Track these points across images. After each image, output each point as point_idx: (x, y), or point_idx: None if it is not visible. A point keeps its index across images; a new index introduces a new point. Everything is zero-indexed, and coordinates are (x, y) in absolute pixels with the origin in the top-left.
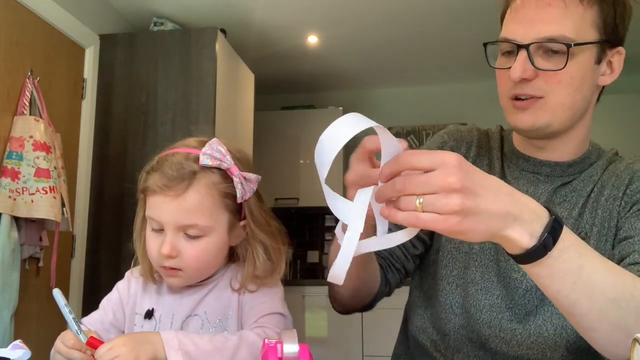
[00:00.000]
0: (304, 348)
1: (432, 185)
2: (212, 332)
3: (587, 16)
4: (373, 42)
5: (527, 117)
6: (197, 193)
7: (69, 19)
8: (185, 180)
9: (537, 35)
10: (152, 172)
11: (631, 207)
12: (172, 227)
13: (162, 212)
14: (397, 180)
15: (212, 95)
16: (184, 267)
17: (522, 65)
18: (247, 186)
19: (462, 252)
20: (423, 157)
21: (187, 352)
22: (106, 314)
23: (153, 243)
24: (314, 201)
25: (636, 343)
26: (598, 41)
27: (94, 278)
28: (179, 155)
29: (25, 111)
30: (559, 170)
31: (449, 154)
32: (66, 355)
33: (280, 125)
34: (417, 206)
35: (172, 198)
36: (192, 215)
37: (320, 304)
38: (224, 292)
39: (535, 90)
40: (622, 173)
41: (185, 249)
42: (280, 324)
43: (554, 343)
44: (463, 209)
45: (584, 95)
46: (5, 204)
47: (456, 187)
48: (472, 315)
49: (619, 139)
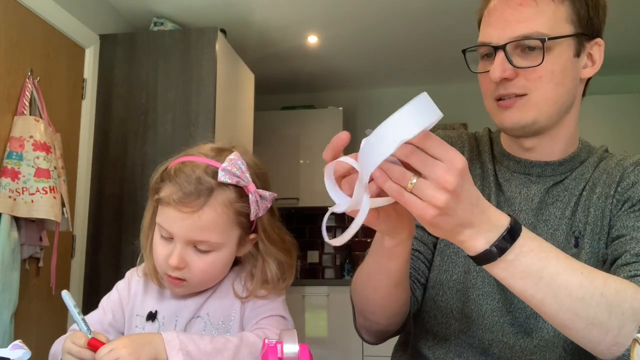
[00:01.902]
0: (304, 348)
1: (431, 172)
2: (215, 334)
3: (560, 12)
4: (373, 42)
5: (513, 115)
6: (213, 211)
7: (69, 19)
8: (201, 197)
9: (512, 35)
10: (168, 181)
11: (622, 205)
12: (183, 241)
13: (174, 225)
14: (407, 148)
15: (212, 95)
16: (189, 279)
17: (500, 65)
18: (262, 204)
19: (461, 257)
20: (438, 145)
21: (189, 352)
22: (105, 315)
23: (161, 250)
24: (314, 201)
25: (636, 343)
26: (573, 34)
27: (94, 278)
28: (197, 168)
29: (25, 111)
30: (549, 170)
31: (459, 156)
32: (77, 355)
33: (280, 125)
34: (408, 185)
35: (187, 215)
36: (204, 232)
37: (320, 304)
38: (227, 294)
39: (517, 88)
40: (613, 170)
41: (194, 262)
42: (281, 326)
43: (552, 345)
44: (444, 208)
45: (567, 89)
46: (5, 204)
47: (449, 187)
48: (473, 321)
49: (619, 139)
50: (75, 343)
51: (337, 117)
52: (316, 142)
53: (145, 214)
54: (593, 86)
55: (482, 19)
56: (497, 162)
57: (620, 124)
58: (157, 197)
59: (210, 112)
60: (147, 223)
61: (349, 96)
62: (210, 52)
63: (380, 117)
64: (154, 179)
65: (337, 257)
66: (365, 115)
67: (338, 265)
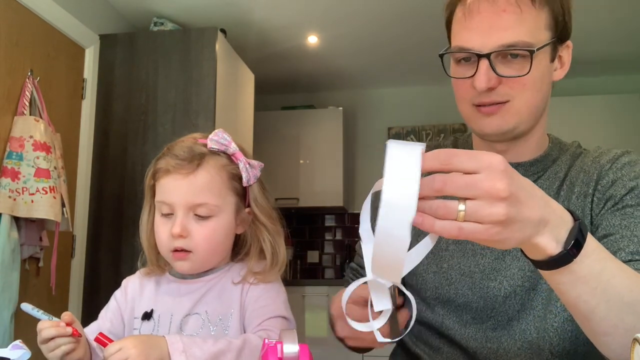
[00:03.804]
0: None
1: (478, 190)
2: (213, 331)
3: (541, 18)
4: (373, 42)
5: (494, 122)
6: (207, 172)
7: (69, 19)
8: (195, 160)
9: (497, 43)
10: (162, 157)
11: (605, 204)
12: (183, 207)
13: (173, 192)
14: (437, 177)
15: (212, 96)
16: (194, 249)
17: (485, 75)
18: (251, 172)
19: (430, 273)
20: (467, 158)
21: (192, 354)
22: (103, 323)
23: (162, 229)
24: (314, 201)
25: (636, 343)
26: (552, 40)
27: (94, 278)
28: (187, 141)
29: (25, 111)
30: (521, 170)
31: (495, 156)
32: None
33: (280, 125)
34: (459, 214)
35: (183, 176)
36: (202, 194)
37: (320, 304)
38: (225, 290)
39: (500, 96)
40: (590, 168)
41: (196, 230)
42: (284, 327)
43: (537, 347)
44: (507, 218)
45: (544, 94)
46: (5, 204)
47: (504, 194)
48: (456, 332)
49: (619, 139)
50: (44, 327)
51: (337, 117)
52: (316, 142)
53: (143, 212)
54: (594, 86)
55: (453, 17)
56: None
57: (620, 124)
58: (154, 170)
59: (210, 112)
60: (145, 218)
61: (349, 96)
62: (210, 52)
63: (380, 117)
64: (149, 174)
65: (337, 257)
66: (365, 115)
67: (338, 265)
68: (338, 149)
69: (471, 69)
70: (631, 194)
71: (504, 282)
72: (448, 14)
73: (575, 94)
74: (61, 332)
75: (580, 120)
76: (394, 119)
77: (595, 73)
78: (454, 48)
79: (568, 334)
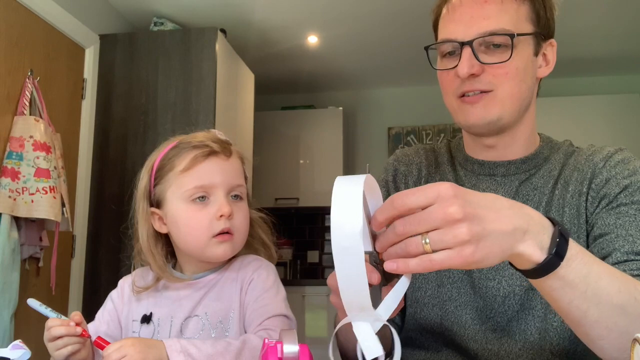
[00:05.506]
0: (304, 348)
1: (434, 220)
2: (213, 333)
3: (522, 11)
4: (373, 42)
5: (478, 112)
6: (237, 157)
7: (69, 19)
8: (229, 145)
9: (479, 31)
10: (183, 152)
11: (599, 203)
12: (224, 189)
13: (216, 175)
14: (397, 223)
15: (212, 95)
16: (235, 231)
17: (468, 61)
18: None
19: (428, 273)
20: (416, 195)
21: (190, 354)
22: (100, 325)
23: (200, 216)
24: (314, 201)
25: (636, 343)
26: (534, 33)
27: (94, 278)
28: (200, 134)
29: (25, 111)
30: (513, 168)
31: (441, 185)
32: (64, 332)
33: (280, 125)
34: (425, 247)
35: (223, 160)
36: (239, 177)
37: (320, 304)
38: (225, 292)
39: (483, 84)
40: (583, 167)
41: (235, 210)
42: (285, 326)
43: (539, 347)
44: (473, 236)
45: (528, 86)
46: (5, 204)
47: (458, 216)
48: (455, 333)
49: (619, 139)
50: (54, 325)
51: (337, 117)
52: (316, 142)
53: (138, 221)
54: (595, 86)
55: (440, 17)
56: (462, 168)
57: (620, 124)
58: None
59: (210, 112)
60: (144, 227)
61: (349, 96)
62: (210, 52)
63: (380, 117)
64: (144, 180)
65: None
66: (365, 115)
67: None
68: (338, 149)
69: (455, 61)
70: (625, 192)
71: (502, 282)
72: (435, 17)
73: (575, 94)
74: (71, 331)
75: (580, 120)
76: (394, 119)
77: (595, 73)
78: (438, 41)
79: (568, 333)
